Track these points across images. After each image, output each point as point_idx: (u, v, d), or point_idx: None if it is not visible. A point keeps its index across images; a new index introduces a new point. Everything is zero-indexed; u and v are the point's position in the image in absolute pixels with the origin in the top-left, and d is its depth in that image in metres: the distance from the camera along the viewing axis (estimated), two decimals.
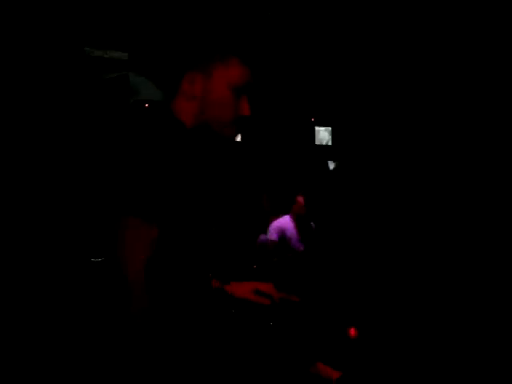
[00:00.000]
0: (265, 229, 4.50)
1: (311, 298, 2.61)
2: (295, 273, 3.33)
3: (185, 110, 1.57)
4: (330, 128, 7.27)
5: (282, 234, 4.31)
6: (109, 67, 5.03)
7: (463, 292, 3.24)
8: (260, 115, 6.69)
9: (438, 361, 2.81)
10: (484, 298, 3.24)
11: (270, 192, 5.25)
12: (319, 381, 2.36)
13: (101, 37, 4.95)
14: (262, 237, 4.39)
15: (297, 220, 4.35)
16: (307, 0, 5.60)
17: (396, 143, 5.33)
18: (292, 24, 5.88)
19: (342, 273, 2.93)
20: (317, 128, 7.16)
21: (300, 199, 4.41)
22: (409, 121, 5.27)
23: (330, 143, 7.17)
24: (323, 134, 7.20)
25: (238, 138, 6.46)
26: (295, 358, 2.32)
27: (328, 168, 5.59)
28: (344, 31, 5.88)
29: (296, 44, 6.13)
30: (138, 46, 5.38)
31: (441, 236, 3.62)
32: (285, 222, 4.36)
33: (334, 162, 6.07)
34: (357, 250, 3.15)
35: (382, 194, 4.03)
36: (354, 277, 2.92)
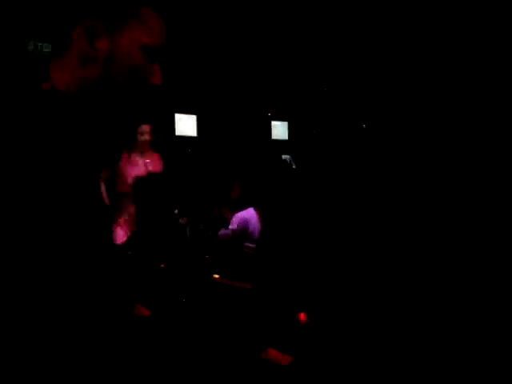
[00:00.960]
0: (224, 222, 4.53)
1: (262, 285, 2.64)
2: (247, 262, 3.37)
3: (77, 76, 1.24)
4: (286, 122, 7.32)
5: (245, 225, 4.32)
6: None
7: (427, 279, 3.31)
8: (217, 110, 6.70)
9: (390, 348, 2.87)
10: (461, 295, 3.32)
11: (239, 183, 5.27)
12: (270, 366, 2.40)
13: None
14: (222, 230, 4.40)
15: (260, 211, 4.36)
16: None
17: (355, 137, 5.41)
18: (249, 18, 5.90)
19: (293, 259, 2.98)
20: (273, 122, 7.21)
21: (237, 186, 4.47)
22: (365, 115, 5.35)
23: (286, 138, 7.22)
24: (279, 129, 7.25)
25: (195, 134, 6.47)
26: (246, 343, 2.35)
27: (283, 162, 5.64)
28: (300, 24, 5.93)
29: (253, 38, 6.15)
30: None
31: (398, 224, 3.70)
32: (249, 214, 4.37)
33: (289, 156, 6.12)
34: (308, 239, 3.19)
35: (340, 187, 4.10)
36: (304, 263, 2.97)
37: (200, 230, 4.31)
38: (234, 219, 4.41)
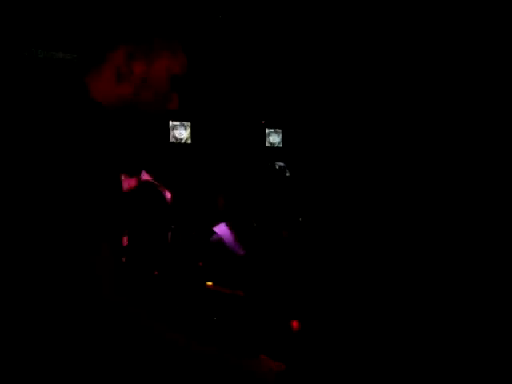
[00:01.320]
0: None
1: (255, 292, 2.66)
2: (239, 269, 3.38)
3: (111, 91, 1.40)
4: (280, 130, 7.35)
5: (220, 244, 4.19)
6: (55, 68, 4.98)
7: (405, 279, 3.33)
8: (211, 117, 6.71)
9: (382, 354, 2.88)
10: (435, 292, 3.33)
11: (223, 194, 5.29)
12: (262, 373, 2.41)
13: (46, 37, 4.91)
14: (215, 236, 4.38)
15: (233, 225, 4.18)
16: (259, 2, 5.66)
17: (347, 145, 5.42)
18: (243, 26, 5.93)
19: (285, 267, 2.99)
20: (267, 130, 7.23)
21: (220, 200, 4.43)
22: (360, 124, 5.37)
23: (280, 145, 7.24)
24: (274, 136, 7.27)
25: (189, 140, 6.48)
26: (239, 350, 2.37)
27: (276, 169, 5.66)
28: (294, 34, 5.96)
29: (247, 46, 6.18)
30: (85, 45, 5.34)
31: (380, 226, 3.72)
32: (220, 231, 4.20)
33: (282, 163, 6.14)
34: (299, 246, 3.21)
35: (329, 193, 4.12)
36: (295, 270, 2.98)
37: (192, 237, 4.32)
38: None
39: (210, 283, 2.99)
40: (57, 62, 5.03)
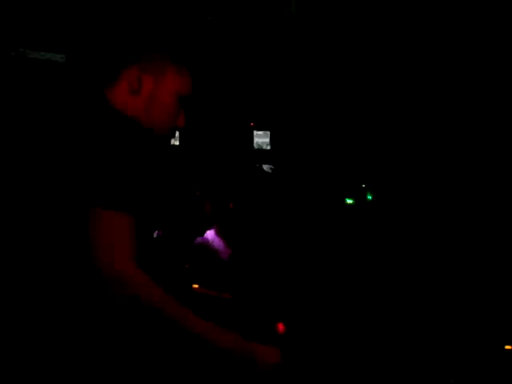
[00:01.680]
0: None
1: (242, 294, 2.66)
2: (225, 271, 3.38)
3: (125, 103, 1.52)
4: (268, 132, 7.35)
5: (206, 249, 4.22)
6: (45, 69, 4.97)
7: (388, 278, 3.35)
8: (199, 120, 6.71)
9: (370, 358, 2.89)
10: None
11: (210, 197, 5.28)
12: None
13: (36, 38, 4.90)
14: (199, 238, 4.38)
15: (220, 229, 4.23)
16: (246, 4, 5.67)
17: (335, 148, 5.44)
18: (230, 28, 5.94)
19: (272, 269, 3.00)
20: (255, 132, 7.23)
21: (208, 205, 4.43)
22: (348, 126, 5.39)
23: (268, 147, 7.25)
24: (262, 139, 7.28)
25: (176, 142, 6.48)
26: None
27: (263, 172, 5.67)
28: (282, 36, 5.97)
29: (234, 48, 6.19)
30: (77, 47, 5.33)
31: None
32: (209, 237, 4.23)
33: (270, 165, 6.14)
34: (286, 248, 3.22)
35: (315, 195, 4.13)
36: (283, 273, 2.99)
37: (178, 239, 4.31)
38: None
39: (196, 286, 2.99)
40: (46, 63, 5.02)
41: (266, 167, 6.19)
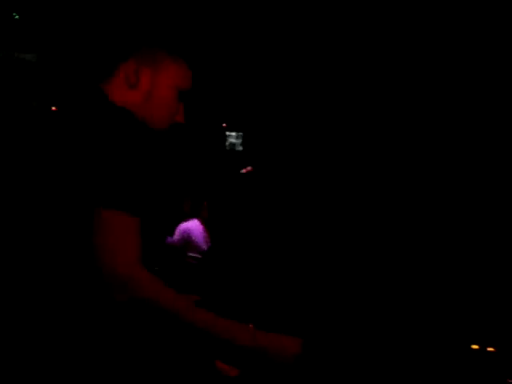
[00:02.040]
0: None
1: (212, 296, 2.66)
2: (195, 273, 3.38)
3: (123, 97, 1.48)
4: (241, 133, 7.37)
5: (187, 236, 4.34)
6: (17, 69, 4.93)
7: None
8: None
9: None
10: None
11: (189, 197, 5.29)
12: (221, 377, 2.41)
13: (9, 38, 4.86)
14: (169, 239, 4.41)
15: (205, 223, 4.39)
16: (223, 3, 5.67)
17: (309, 148, 5.46)
18: (205, 28, 5.93)
19: (244, 270, 3.00)
20: (228, 133, 7.24)
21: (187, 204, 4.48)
22: (322, 125, 5.41)
23: (240, 148, 7.27)
24: (234, 139, 7.29)
25: None
26: (194, 356, 2.36)
27: (237, 172, 5.67)
28: (256, 36, 5.98)
29: (207, 48, 6.18)
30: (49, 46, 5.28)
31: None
32: (192, 224, 4.38)
33: (244, 167, 6.15)
34: (260, 249, 3.22)
35: (292, 198, 4.14)
36: (256, 273, 2.99)
37: (150, 240, 4.29)
38: (176, 231, 4.41)
39: None
40: (17, 62, 4.98)
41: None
